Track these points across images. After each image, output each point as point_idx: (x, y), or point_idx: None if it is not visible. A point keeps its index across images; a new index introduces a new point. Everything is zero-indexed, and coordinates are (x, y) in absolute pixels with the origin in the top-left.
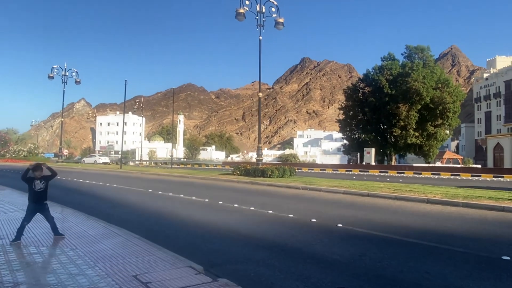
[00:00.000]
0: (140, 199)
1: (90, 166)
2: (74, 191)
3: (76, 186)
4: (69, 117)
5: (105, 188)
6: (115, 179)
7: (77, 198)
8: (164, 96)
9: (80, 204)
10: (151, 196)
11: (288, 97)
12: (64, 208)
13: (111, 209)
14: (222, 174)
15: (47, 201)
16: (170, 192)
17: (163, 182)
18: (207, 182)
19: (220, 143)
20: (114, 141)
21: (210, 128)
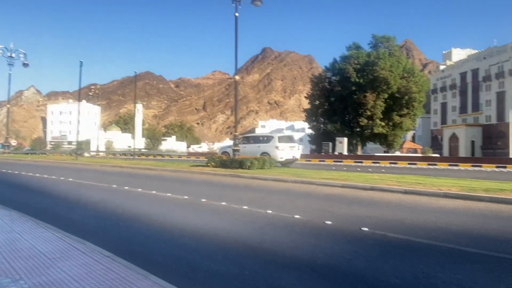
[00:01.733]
0: (103, 198)
1: (39, 157)
2: (21, 188)
3: (23, 181)
4: (17, 105)
5: (59, 184)
6: (70, 172)
7: (24, 196)
8: (121, 85)
9: (28, 205)
10: (116, 193)
11: (249, 87)
12: (7, 211)
13: (68, 211)
14: (194, 166)
15: None
16: (139, 188)
17: (128, 176)
18: (180, 175)
19: (181, 134)
20: (67, 131)
21: (169, 118)
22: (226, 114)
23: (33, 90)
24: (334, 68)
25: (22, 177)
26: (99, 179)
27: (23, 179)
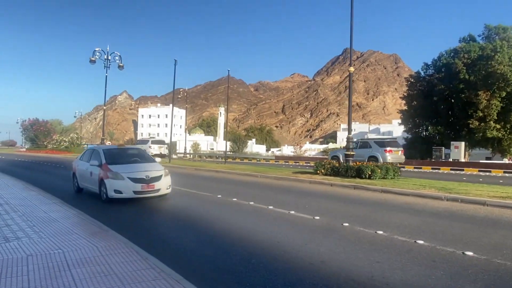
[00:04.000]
0: (214, 214)
1: None
2: None
3: None
4: (112, 109)
5: None
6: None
7: (124, 210)
8: (203, 89)
9: (126, 225)
10: (227, 207)
11: (330, 89)
12: (96, 226)
13: (179, 233)
14: (299, 173)
15: None
16: (250, 201)
17: (228, 183)
18: (287, 184)
19: (260, 137)
20: (156, 133)
21: (249, 121)
22: (305, 117)
23: (126, 95)
24: (436, 65)
25: None
26: (199, 186)
27: None
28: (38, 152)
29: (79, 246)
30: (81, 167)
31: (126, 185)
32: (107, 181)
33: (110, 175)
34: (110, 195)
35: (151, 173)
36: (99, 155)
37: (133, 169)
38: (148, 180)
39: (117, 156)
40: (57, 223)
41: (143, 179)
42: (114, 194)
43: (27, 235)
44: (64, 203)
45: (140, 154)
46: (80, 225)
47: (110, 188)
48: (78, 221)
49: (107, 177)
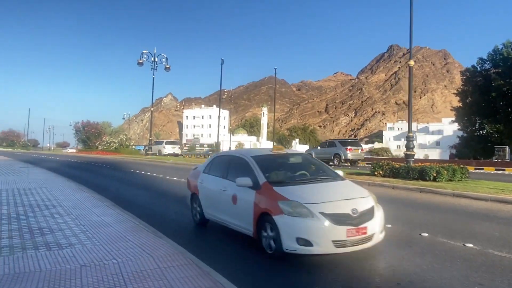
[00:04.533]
0: None
1: (179, 159)
2: (173, 199)
3: (172, 189)
4: (158, 111)
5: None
6: None
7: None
8: (246, 90)
9: (179, 228)
10: None
11: (374, 87)
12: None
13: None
14: (354, 174)
15: None
16: None
17: None
18: None
19: (304, 136)
20: (200, 134)
21: (292, 121)
22: (349, 116)
23: (171, 97)
24: (494, 58)
25: (173, 183)
26: None
27: (173, 186)
28: (89, 153)
29: (133, 255)
30: (211, 186)
31: (320, 229)
32: (279, 219)
33: (284, 207)
34: (287, 247)
35: (357, 204)
36: (248, 166)
37: (322, 194)
38: (357, 218)
39: (279, 169)
40: (110, 228)
41: (348, 217)
42: (297, 245)
43: (80, 241)
44: (116, 206)
45: (311, 164)
46: (133, 231)
47: (287, 233)
48: (131, 226)
49: (278, 211)
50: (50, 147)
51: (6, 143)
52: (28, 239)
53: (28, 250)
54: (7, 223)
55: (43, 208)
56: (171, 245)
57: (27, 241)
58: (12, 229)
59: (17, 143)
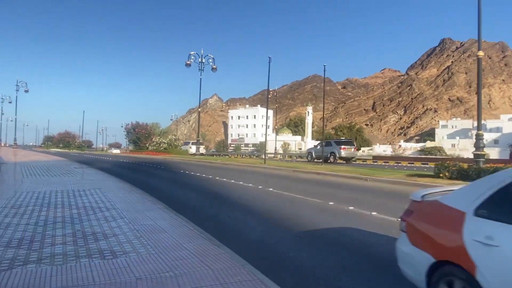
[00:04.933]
0: (357, 237)
1: (226, 159)
2: (229, 202)
3: (227, 192)
4: (204, 111)
5: (292, 201)
6: (267, 179)
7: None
8: (290, 89)
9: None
10: (351, 219)
11: (425, 83)
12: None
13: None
14: (416, 176)
15: None
16: (373, 211)
17: (335, 187)
18: (405, 189)
19: (350, 135)
20: (244, 134)
21: (337, 119)
22: (398, 114)
23: (216, 97)
24: None
25: (224, 185)
26: (305, 191)
27: (225, 188)
28: (140, 154)
29: (191, 267)
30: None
31: None
32: None
33: None
34: None
35: None
36: None
37: None
38: None
39: None
40: (164, 234)
41: None
42: None
43: (135, 248)
44: (169, 209)
45: None
46: (188, 238)
47: None
48: (186, 232)
49: None
50: (103, 148)
51: (63, 144)
52: (81, 245)
53: (81, 258)
54: (61, 227)
55: (97, 210)
56: (230, 256)
57: (80, 248)
58: (66, 233)
59: (72, 144)
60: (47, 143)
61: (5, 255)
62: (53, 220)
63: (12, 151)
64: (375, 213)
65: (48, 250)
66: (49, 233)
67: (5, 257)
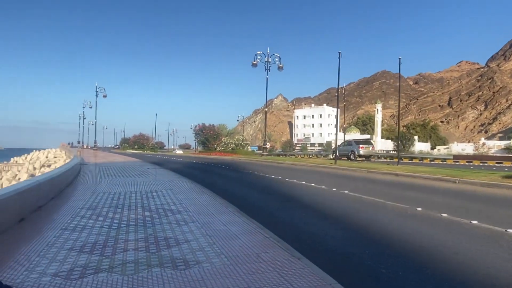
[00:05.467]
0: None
1: (295, 160)
2: (311, 210)
3: (303, 195)
4: (269, 112)
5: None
6: (339, 180)
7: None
8: (357, 86)
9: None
10: (452, 228)
11: (509, 75)
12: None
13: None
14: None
15: None
16: (473, 219)
17: (421, 190)
18: (504, 193)
19: (423, 133)
20: (310, 133)
21: (408, 117)
22: (478, 110)
23: (281, 97)
24: None
25: (295, 187)
26: (387, 194)
27: (296, 190)
28: (209, 154)
29: (271, 284)
30: None
31: None
32: None
33: None
34: None
35: None
36: None
37: None
38: None
39: None
40: (238, 241)
41: None
42: None
43: (208, 257)
44: (241, 213)
45: None
46: (264, 247)
47: None
48: (260, 240)
49: None
50: (174, 149)
51: (138, 145)
52: (153, 252)
53: (153, 267)
54: (134, 230)
55: (169, 213)
56: (313, 271)
57: (152, 255)
58: (139, 238)
59: (146, 145)
60: (123, 145)
61: (77, 261)
62: (126, 223)
63: (92, 153)
64: (475, 221)
65: (120, 256)
66: (121, 237)
67: (77, 264)
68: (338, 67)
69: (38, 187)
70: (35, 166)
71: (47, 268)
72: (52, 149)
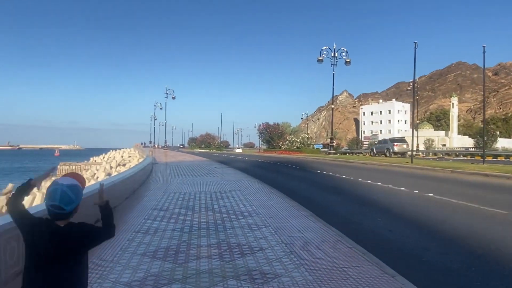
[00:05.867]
0: None
1: (363, 158)
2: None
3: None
4: (334, 109)
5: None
6: (423, 182)
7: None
8: (429, 80)
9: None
10: None
11: None
12: None
13: None
14: None
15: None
16: None
17: None
18: None
19: (506, 128)
20: (378, 130)
21: (488, 110)
22: None
23: (346, 94)
24: None
25: (370, 188)
26: (480, 198)
27: (372, 192)
28: (273, 153)
29: None
30: None
31: None
32: None
33: None
34: None
35: None
36: None
37: None
38: None
39: None
40: (318, 252)
41: None
42: None
43: (287, 270)
44: (315, 217)
45: None
46: (348, 259)
47: None
48: (343, 250)
49: None
50: (234, 148)
51: (204, 145)
52: (227, 261)
53: (229, 279)
54: (206, 235)
55: (240, 216)
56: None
57: (226, 264)
58: (211, 244)
59: (212, 145)
60: (191, 144)
61: (150, 269)
62: (197, 226)
63: (163, 152)
64: None
65: (193, 265)
66: (194, 242)
67: (150, 272)
68: (414, 58)
69: (113, 187)
70: (111, 165)
71: (120, 276)
72: (127, 149)
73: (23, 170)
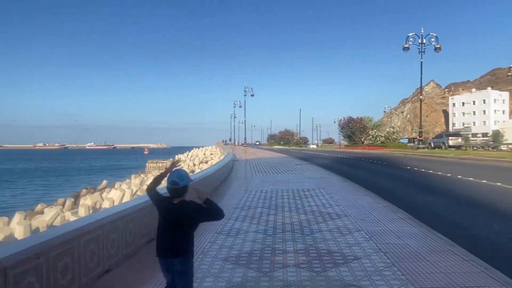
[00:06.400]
0: None
1: (462, 153)
2: None
3: None
4: (419, 101)
5: None
6: None
7: None
8: None
9: None
10: None
11: None
12: None
13: None
14: None
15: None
16: None
17: None
18: None
19: None
20: (471, 122)
21: None
22: None
23: (433, 84)
24: None
25: (474, 187)
26: None
27: (478, 191)
28: (355, 148)
29: None
30: None
31: None
32: None
33: None
34: None
35: None
36: None
37: None
38: None
39: None
40: (427, 264)
41: None
42: None
43: (391, 286)
44: (414, 220)
45: None
46: (468, 276)
47: None
48: (458, 264)
49: None
50: (318, 144)
51: (283, 141)
52: (318, 272)
53: None
54: (291, 239)
55: (327, 217)
56: None
57: (318, 276)
58: (298, 249)
59: (291, 141)
60: (270, 141)
61: (233, 277)
62: (281, 227)
63: (243, 149)
64: None
65: (280, 274)
66: (279, 246)
67: (233, 281)
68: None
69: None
70: (194, 162)
71: (200, 284)
72: (209, 147)
73: (116, 167)
